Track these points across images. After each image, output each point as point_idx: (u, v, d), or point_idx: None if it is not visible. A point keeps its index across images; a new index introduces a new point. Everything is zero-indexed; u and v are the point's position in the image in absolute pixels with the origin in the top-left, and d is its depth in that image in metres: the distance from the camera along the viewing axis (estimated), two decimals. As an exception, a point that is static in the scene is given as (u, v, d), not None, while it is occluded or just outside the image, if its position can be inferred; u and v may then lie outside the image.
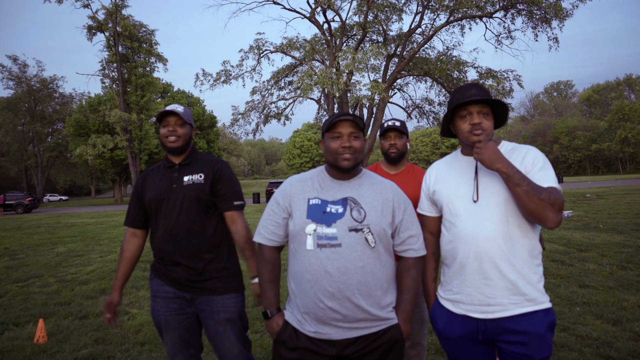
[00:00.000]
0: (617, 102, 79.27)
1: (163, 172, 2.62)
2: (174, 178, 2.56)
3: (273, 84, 26.74)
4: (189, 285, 2.52)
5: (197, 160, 2.63)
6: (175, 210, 2.51)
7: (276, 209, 2.10)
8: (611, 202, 18.15)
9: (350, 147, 1.98)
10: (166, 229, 2.52)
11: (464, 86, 2.03)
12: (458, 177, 2.07)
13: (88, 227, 18.60)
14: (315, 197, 2.03)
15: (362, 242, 1.93)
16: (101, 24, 34.60)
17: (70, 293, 6.76)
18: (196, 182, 2.53)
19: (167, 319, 2.53)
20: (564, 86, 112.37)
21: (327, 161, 2.07)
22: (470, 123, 1.97)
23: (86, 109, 48.65)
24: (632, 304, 5.05)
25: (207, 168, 2.58)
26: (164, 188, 2.55)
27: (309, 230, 1.96)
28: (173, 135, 2.55)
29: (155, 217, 2.56)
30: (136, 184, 2.67)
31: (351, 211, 1.97)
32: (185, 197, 2.51)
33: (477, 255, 1.93)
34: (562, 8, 20.73)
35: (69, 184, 79.07)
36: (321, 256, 1.91)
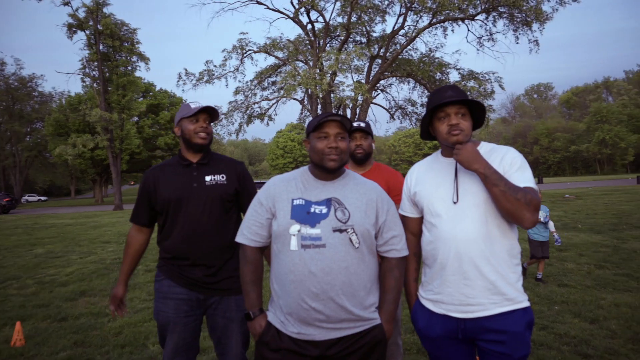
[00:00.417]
0: (596, 104, 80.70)
1: (179, 170, 2.56)
2: (193, 177, 2.52)
3: (256, 84, 26.66)
4: (205, 286, 2.50)
5: (214, 160, 2.61)
6: (198, 210, 2.48)
7: (259, 209, 2.07)
8: (589, 203, 18.47)
9: (337, 148, 1.98)
10: (186, 228, 2.48)
11: (440, 88, 2.04)
12: (438, 178, 2.09)
13: (67, 228, 18.34)
14: (299, 197, 2.02)
15: (346, 243, 1.92)
16: (82, 22, 34.08)
17: (48, 295, 6.66)
18: (219, 182, 2.53)
19: (175, 321, 2.48)
20: (544, 88, 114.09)
21: (312, 161, 2.05)
22: (448, 124, 1.98)
23: (66, 108, 47.93)
24: (608, 303, 5.14)
25: (229, 169, 2.59)
26: (184, 187, 2.51)
27: (293, 230, 1.94)
28: (204, 132, 2.52)
29: (173, 216, 2.51)
30: (146, 181, 2.58)
31: (335, 212, 1.96)
32: (208, 197, 2.50)
33: (457, 255, 1.94)
34: (543, 11, 21.05)
35: (48, 184, 77.82)
36: (305, 257, 1.91)
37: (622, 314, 4.75)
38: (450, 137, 1.99)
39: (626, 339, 4.11)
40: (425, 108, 2.11)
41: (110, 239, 13.64)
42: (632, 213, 13.86)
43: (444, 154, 2.14)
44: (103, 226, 18.38)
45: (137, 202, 2.62)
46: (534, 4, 20.93)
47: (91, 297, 6.42)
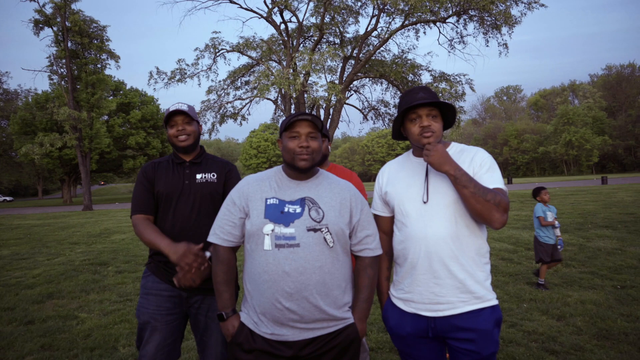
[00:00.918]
0: (562, 106, 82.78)
1: (173, 167, 2.62)
2: (185, 175, 2.58)
3: (229, 84, 26.45)
4: None
5: (207, 160, 2.68)
6: (187, 207, 2.52)
7: (232, 208, 2.06)
8: (556, 203, 18.92)
9: (308, 147, 1.97)
10: (175, 224, 2.50)
11: (412, 89, 2.07)
12: (409, 178, 2.11)
13: (34, 228, 17.87)
14: (273, 197, 2.01)
15: (321, 242, 1.93)
16: (49, 19, 33.25)
17: (14, 298, 6.48)
18: (209, 180, 2.58)
19: (156, 318, 2.46)
20: (513, 90, 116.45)
21: (285, 161, 2.05)
22: (420, 126, 2.01)
23: (32, 106, 46.70)
24: (574, 300, 5.29)
25: (219, 168, 2.65)
26: (176, 183, 2.55)
27: (267, 230, 1.94)
28: (183, 134, 2.56)
29: (164, 212, 2.54)
30: (146, 172, 2.59)
31: (309, 211, 1.96)
32: (198, 194, 2.54)
33: (427, 254, 1.97)
34: (511, 15, 21.48)
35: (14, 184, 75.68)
36: (279, 256, 1.90)
37: (588, 310, 4.89)
38: (422, 138, 2.01)
39: (591, 335, 4.23)
40: (398, 109, 2.11)
41: (79, 240, 13.35)
42: (596, 213, 14.27)
43: (415, 154, 2.17)
44: (72, 227, 17.98)
45: (140, 193, 2.58)
46: (503, 8, 21.34)
47: (59, 300, 6.28)
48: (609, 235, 9.76)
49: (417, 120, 2.02)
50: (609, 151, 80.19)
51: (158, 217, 2.57)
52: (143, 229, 2.49)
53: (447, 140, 2.15)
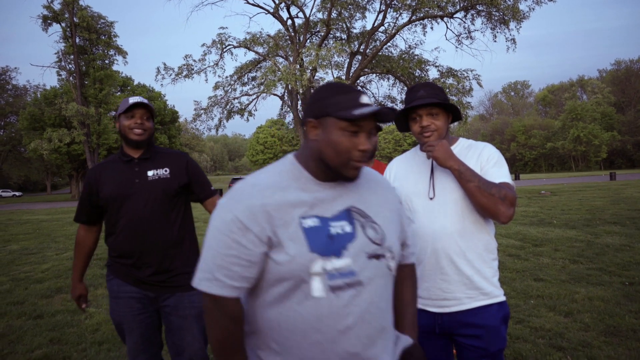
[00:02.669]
0: (570, 102, 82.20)
1: (120, 166, 2.48)
2: (135, 173, 2.44)
3: (236, 80, 26.48)
4: (155, 284, 2.45)
5: (157, 154, 2.53)
6: (139, 206, 2.41)
7: (243, 238, 1.27)
8: (564, 199, 18.82)
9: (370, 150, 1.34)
10: (129, 225, 2.41)
11: (413, 87, 2.04)
12: (416, 174, 2.09)
13: (43, 223, 18.00)
14: (310, 214, 1.32)
15: (386, 274, 1.38)
16: (57, 14, 33.41)
17: (23, 292, 6.54)
18: (162, 176, 2.46)
19: (129, 320, 2.44)
20: (521, 86, 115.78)
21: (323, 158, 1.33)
22: (419, 125, 2.00)
23: (41, 102, 46.92)
24: (582, 296, 5.26)
25: (173, 162, 2.52)
26: (125, 183, 2.43)
27: (317, 268, 1.27)
28: (140, 128, 2.44)
29: (116, 214, 2.44)
30: (89, 179, 2.51)
31: (363, 228, 1.36)
32: (151, 192, 2.42)
33: (434, 251, 1.96)
34: (519, 10, 21.34)
35: (23, 180, 76.20)
36: (337, 304, 1.28)
37: (595, 307, 4.86)
38: (422, 138, 2.00)
39: (599, 331, 4.21)
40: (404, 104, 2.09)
41: (87, 235, 13.44)
42: (605, 209, 14.17)
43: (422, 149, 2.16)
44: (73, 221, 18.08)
45: (81, 201, 2.56)
46: (511, 2, 21.21)
47: (67, 294, 6.33)
48: (617, 231, 9.69)
49: (417, 119, 2.01)
50: (618, 147, 79.59)
51: (109, 218, 2.48)
52: (76, 243, 2.64)
53: (454, 136, 2.14)
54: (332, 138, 1.31)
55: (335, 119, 1.30)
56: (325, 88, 1.36)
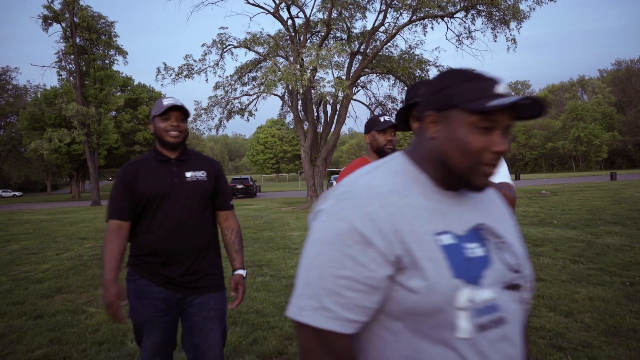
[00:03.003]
0: (571, 102, 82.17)
1: (158, 165, 2.48)
2: (173, 173, 2.46)
3: (236, 80, 26.45)
4: (184, 284, 2.44)
5: (192, 157, 2.57)
6: (178, 206, 2.43)
7: (363, 255, 0.96)
8: (565, 199, 18.82)
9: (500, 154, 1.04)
10: (166, 225, 2.41)
11: (415, 84, 2.03)
12: None
13: (43, 223, 18.01)
14: (444, 229, 1.03)
15: (522, 308, 1.11)
16: (57, 14, 33.38)
17: (23, 292, 6.54)
18: (200, 179, 2.50)
19: (153, 320, 2.41)
20: (522, 86, 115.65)
21: (450, 162, 1.04)
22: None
23: (41, 102, 46.94)
24: (582, 296, 5.26)
25: (207, 166, 2.56)
26: (164, 182, 2.44)
27: (463, 300, 0.97)
28: (176, 131, 2.44)
29: (152, 212, 2.43)
30: (125, 174, 2.45)
31: (499, 252, 1.07)
32: (190, 193, 2.46)
33: None
34: (520, 10, 21.32)
35: (23, 180, 76.18)
36: (485, 347, 0.99)
37: (596, 307, 4.86)
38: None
39: (599, 331, 4.21)
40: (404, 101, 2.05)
41: (87, 235, 13.44)
42: (605, 209, 14.17)
43: None
44: (80, 222, 18.10)
45: (117, 196, 2.46)
46: (512, 2, 21.18)
47: (68, 294, 6.33)
48: (618, 231, 9.69)
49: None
50: (618, 147, 79.54)
51: (145, 217, 2.44)
52: (109, 240, 2.39)
53: None
54: (459, 136, 1.02)
55: (463, 112, 1.02)
56: (449, 74, 1.10)
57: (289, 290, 5.96)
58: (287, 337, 4.37)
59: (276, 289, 6.10)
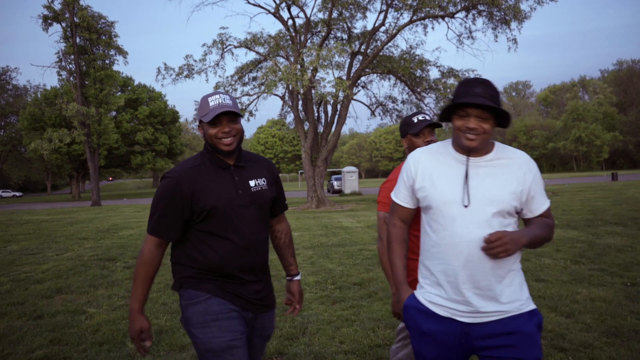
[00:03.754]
0: (572, 102, 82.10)
1: (216, 173, 2.17)
2: (235, 182, 2.17)
3: (237, 80, 26.45)
4: (256, 302, 2.22)
5: (249, 161, 2.28)
6: (247, 220, 2.16)
7: None
8: (566, 199, 18.80)
9: None
10: (235, 241, 2.13)
11: (471, 80, 1.88)
12: (449, 177, 1.95)
13: (43, 224, 18.00)
14: None
15: None
16: (57, 14, 33.38)
17: (23, 292, 6.53)
18: (263, 188, 2.25)
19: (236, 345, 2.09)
20: (523, 86, 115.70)
21: None
22: (466, 126, 1.85)
23: (42, 102, 46.98)
24: (584, 297, 5.25)
25: (266, 171, 2.31)
26: (230, 193, 2.14)
27: None
28: (229, 137, 2.11)
29: (218, 227, 2.12)
30: (179, 186, 2.10)
31: None
32: (256, 204, 2.20)
33: (467, 260, 1.86)
34: (521, 10, 21.31)
35: (23, 180, 76.27)
36: None
37: (597, 308, 4.85)
38: (465, 140, 1.87)
39: (600, 332, 4.19)
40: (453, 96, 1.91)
41: (87, 235, 13.44)
42: (606, 209, 14.15)
43: (456, 147, 1.99)
44: (80, 222, 18.10)
45: (164, 212, 2.12)
46: (513, 2, 21.17)
47: (68, 295, 6.32)
48: (619, 232, 9.67)
49: (465, 118, 1.86)
50: (620, 147, 79.50)
51: (208, 232, 2.14)
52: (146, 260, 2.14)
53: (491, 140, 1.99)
54: None
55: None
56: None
57: (289, 291, 5.95)
58: (287, 338, 4.36)
59: (276, 289, 6.06)
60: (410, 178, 2.04)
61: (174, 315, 5.13)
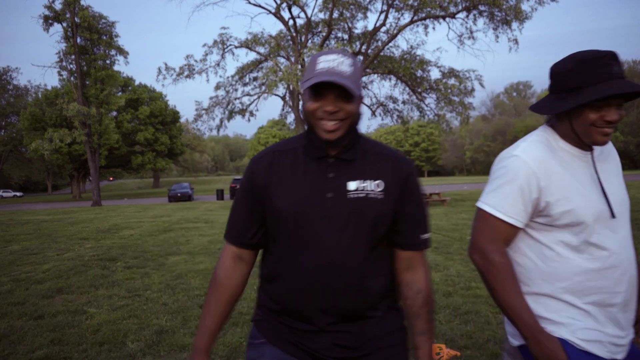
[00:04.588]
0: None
1: (306, 165, 1.50)
2: (328, 181, 1.46)
3: (237, 80, 26.49)
4: None
5: (366, 153, 1.52)
6: (331, 237, 1.44)
7: None
8: (566, 200, 18.74)
9: None
10: (311, 263, 1.45)
11: (604, 56, 1.45)
12: (578, 182, 1.53)
13: (44, 224, 18.00)
14: None
15: None
16: (58, 14, 33.40)
17: (24, 292, 6.52)
18: (371, 194, 1.46)
19: None
20: (523, 87, 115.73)
21: None
22: (605, 119, 1.46)
23: (42, 102, 47.02)
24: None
25: (388, 171, 1.50)
26: (311, 196, 1.46)
27: None
28: (334, 120, 1.40)
29: (289, 243, 1.49)
30: (254, 175, 1.54)
31: None
32: (352, 217, 1.44)
33: (629, 284, 1.52)
34: (522, 10, 21.33)
35: (24, 180, 76.33)
36: None
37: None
38: (600, 136, 1.48)
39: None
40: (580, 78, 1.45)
41: (88, 235, 13.43)
42: (607, 210, 14.13)
43: (573, 142, 1.57)
44: (81, 222, 18.09)
45: (237, 210, 1.60)
46: (514, 3, 21.20)
47: (68, 295, 6.31)
48: (620, 232, 9.66)
49: (603, 109, 1.46)
50: (620, 148, 79.46)
51: (278, 250, 1.53)
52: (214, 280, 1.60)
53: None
54: None
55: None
56: None
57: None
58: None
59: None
60: (534, 187, 1.52)
61: (175, 315, 5.12)
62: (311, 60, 1.48)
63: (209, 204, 29.41)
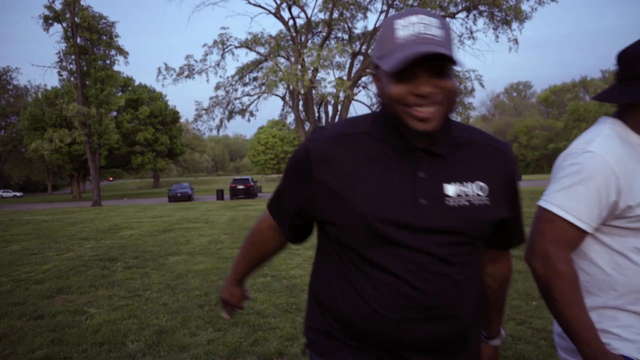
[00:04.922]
0: (573, 103, 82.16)
1: (387, 159, 1.17)
2: (418, 183, 1.15)
3: (237, 80, 26.51)
4: None
5: (458, 145, 1.21)
6: (422, 251, 1.15)
7: None
8: (566, 200, 18.77)
9: None
10: (394, 283, 1.16)
11: None
12: None
13: (44, 224, 18.00)
14: None
15: None
16: (58, 14, 33.44)
17: (24, 292, 6.53)
18: (475, 200, 1.18)
19: None
20: (523, 87, 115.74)
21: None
22: None
23: (42, 102, 47.06)
24: (585, 298, 5.24)
25: (490, 167, 1.22)
26: (400, 201, 1.15)
27: None
28: (429, 105, 1.08)
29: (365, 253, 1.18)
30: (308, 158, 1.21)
31: None
32: (452, 228, 1.16)
33: None
34: (522, 11, 21.36)
35: (24, 180, 76.32)
36: None
37: (598, 308, 4.84)
38: None
39: (602, 333, 4.18)
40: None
41: (88, 235, 13.43)
42: (607, 210, 14.14)
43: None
44: (81, 222, 18.09)
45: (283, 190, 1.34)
46: (514, 3, 21.23)
47: (68, 295, 6.32)
48: (620, 232, 9.66)
49: None
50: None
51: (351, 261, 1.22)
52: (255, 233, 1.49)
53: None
54: None
55: None
56: None
57: (289, 291, 5.94)
58: (287, 338, 4.35)
59: (277, 290, 6.08)
60: (612, 189, 1.32)
61: (174, 315, 5.13)
62: (385, 25, 1.13)
63: (209, 204, 29.41)
